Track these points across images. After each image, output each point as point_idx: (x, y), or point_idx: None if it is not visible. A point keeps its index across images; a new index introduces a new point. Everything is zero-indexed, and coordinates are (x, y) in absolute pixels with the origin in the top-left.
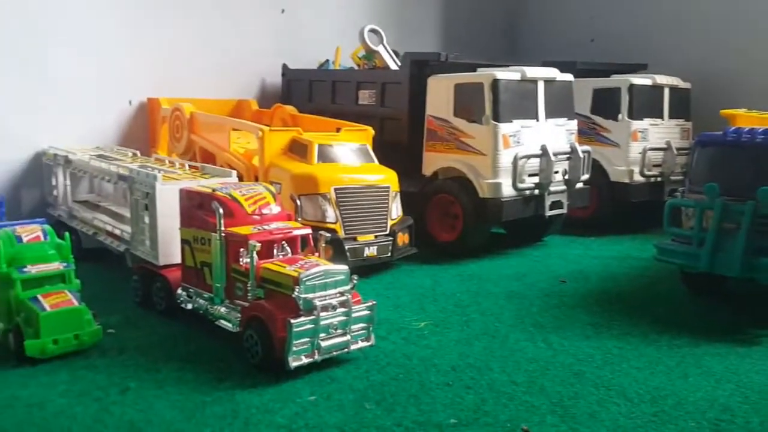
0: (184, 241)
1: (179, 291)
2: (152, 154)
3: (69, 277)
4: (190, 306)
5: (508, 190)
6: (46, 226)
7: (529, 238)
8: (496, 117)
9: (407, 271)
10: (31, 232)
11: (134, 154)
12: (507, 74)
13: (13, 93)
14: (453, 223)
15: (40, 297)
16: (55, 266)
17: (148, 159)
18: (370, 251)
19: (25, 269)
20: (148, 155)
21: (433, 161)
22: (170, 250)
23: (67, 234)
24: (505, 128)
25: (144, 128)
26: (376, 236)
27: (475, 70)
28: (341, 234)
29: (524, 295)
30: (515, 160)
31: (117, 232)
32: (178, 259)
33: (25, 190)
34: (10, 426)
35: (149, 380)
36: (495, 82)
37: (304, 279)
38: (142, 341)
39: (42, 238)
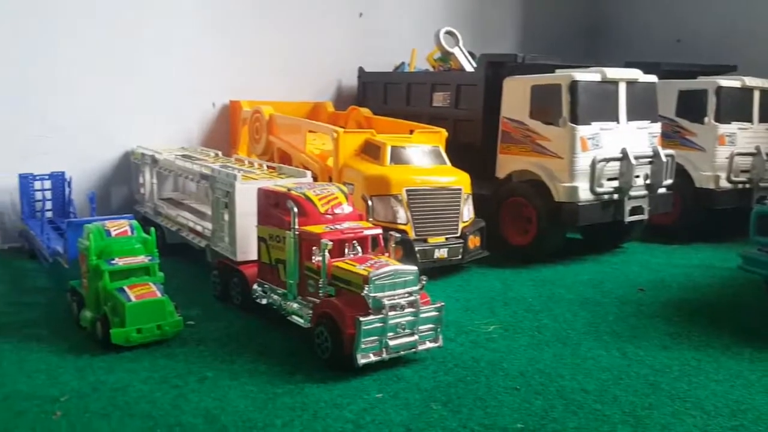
0: (260, 239)
1: (255, 286)
2: (233, 154)
3: (153, 270)
4: (264, 301)
5: (585, 194)
6: (133, 222)
7: (607, 245)
8: (574, 119)
9: (478, 275)
10: (119, 226)
11: (216, 155)
12: (586, 75)
13: (107, 96)
14: (526, 226)
15: (126, 288)
16: (141, 259)
17: (229, 159)
18: (441, 253)
19: (113, 261)
20: (229, 156)
21: (507, 164)
22: (247, 246)
23: (152, 229)
24: (583, 130)
25: (226, 130)
26: (446, 238)
27: (553, 72)
28: (412, 235)
29: (599, 303)
30: (593, 163)
31: (198, 228)
32: (254, 256)
33: (114, 187)
34: (96, 408)
35: (225, 371)
36: (573, 84)
37: (373, 278)
38: (219, 333)
39: (129, 233)
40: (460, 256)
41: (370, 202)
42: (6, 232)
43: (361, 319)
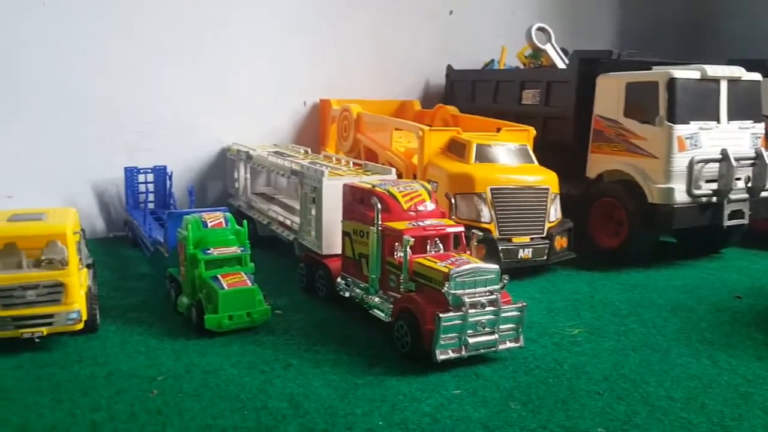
0: (345, 233)
1: (339, 279)
2: (322, 151)
3: (245, 260)
4: (347, 294)
5: (681, 196)
6: (228, 214)
7: (704, 250)
8: (672, 118)
9: (564, 276)
10: (215, 218)
11: (306, 152)
12: (685, 73)
13: (206, 95)
14: (617, 228)
15: (219, 276)
16: (234, 250)
17: (317, 156)
18: (525, 253)
19: (208, 251)
20: (318, 153)
21: (598, 163)
22: (333, 240)
23: (245, 222)
24: (680, 130)
25: (316, 127)
26: (532, 238)
27: (649, 69)
28: (495, 234)
29: (692, 309)
30: (691, 164)
31: (287, 222)
32: (339, 250)
33: (211, 181)
34: (190, 389)
35: (309, 359)
36: (671, 81)
37: (454, 275)
38: (304, 323)
39: (224, 225)
40: (545, 257)
41: (453, 200)
42: (112, 222)
43: (441, 315)
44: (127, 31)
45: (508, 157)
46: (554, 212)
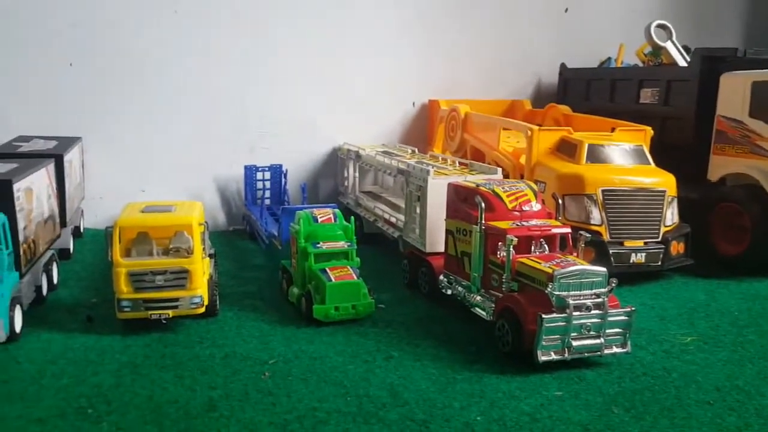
0: (448, 232)
1: (441, 277)
2: (428, 151)
3: (351, 254)
4: (449, 292)
5: None
6: (337, 210)
7: None
8: None
9: (679, 283)
10: (324, 214)
11: (413, 151)
12: None
13: (323, 97)
14: (739, 235)
15: (327, 269)
16: (341, 245)
17: (424, 156)
18: (638, 258)
19: (318, 245)
20: (425, 153)
21: (721, 166)
22: (436, 238)
23: (352, 218)
24: None
25: (423, 128)
26: (645, 242)
27: None
28: (606, 237)
29: None
30: None
31: (393, 220)
32: (442, 248)
33: (322, 179)
34: (298, 373)
35: (409, 352)
36: None
37: (558, 276)
38: (406, 318)
39: (333, 220)
40: (659, 263)
41: (560, 201)
42: (232, 216)
43: (543, 316)
44: (253, 37)
45: (622, 157)
46: (671, 216)
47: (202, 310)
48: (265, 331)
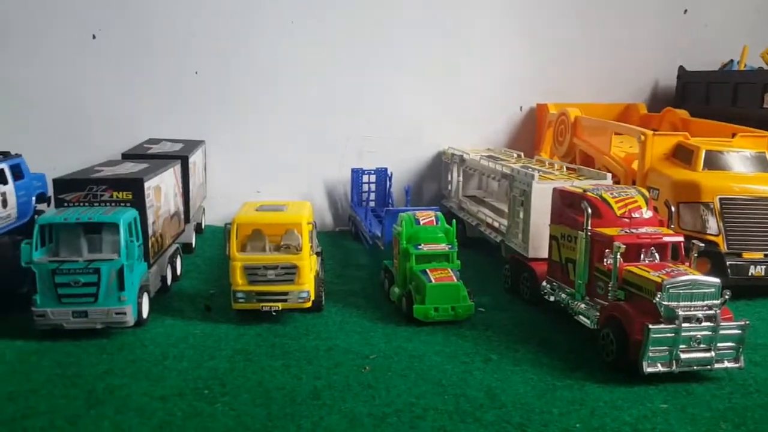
0: (552, 237)
1: (544, 283)
2: (535, 155)
3: (452, 257)
4: (552, 298)
5: None
6: (439, 213)
7: None
8: None
9: None
10: (427, 216)
11: (519, 156)
12: None
13: (430, 102)
14: None
15: (428, 270)
16: (442, 247)
17: (530, 160)
18: (757, 270)
19: (419, 246)
20: (531, 157)
21: None
22: (539, 244)
23: (453, 222)
24: None
25: (530, 132)
26: (766, 255)
27: None
28: (723, 248)
29: None
30: None
31: (496, 224)
32: (545, 253)
33: (426, 182)
34: (397, 369)
35: (508, 356)
36: None
37: (667, 286)
38: (505, 322)
39: (434, 223)
40: None
41: (673, 209)
42: (338, 217)
43: (650, 326)
44: (367, 46)
45: (743, 164)
46: None
47: (309, 304)
48: (366, 327)
